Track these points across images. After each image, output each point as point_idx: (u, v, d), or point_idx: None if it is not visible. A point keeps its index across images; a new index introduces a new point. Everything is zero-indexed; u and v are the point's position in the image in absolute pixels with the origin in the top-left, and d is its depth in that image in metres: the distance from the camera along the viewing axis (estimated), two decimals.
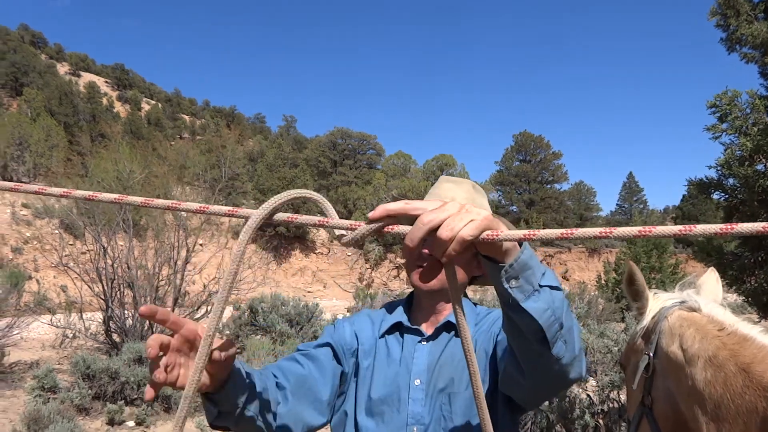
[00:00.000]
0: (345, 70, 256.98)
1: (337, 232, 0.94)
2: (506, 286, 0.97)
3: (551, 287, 1.02)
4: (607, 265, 23.09)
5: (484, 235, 0.85)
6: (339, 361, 1.54)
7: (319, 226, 0.98)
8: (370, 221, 0.90)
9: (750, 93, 5.59)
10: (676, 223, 55.05)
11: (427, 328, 1.58)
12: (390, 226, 0.90)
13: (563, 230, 0.83)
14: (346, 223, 0.92)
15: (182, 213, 11.81)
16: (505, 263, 0.96)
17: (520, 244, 0.97)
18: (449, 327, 1.54)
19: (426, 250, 1.50)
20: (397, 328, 1.59)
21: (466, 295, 1.68)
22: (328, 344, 1.55)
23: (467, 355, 0.96)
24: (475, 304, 1.67)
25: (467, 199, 1.59)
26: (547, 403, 6.53)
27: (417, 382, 1.47)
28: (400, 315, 1.61)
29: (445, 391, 1.45)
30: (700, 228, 0.78)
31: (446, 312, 1.58)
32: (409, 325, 1.58)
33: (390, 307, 1.67)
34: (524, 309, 0.98)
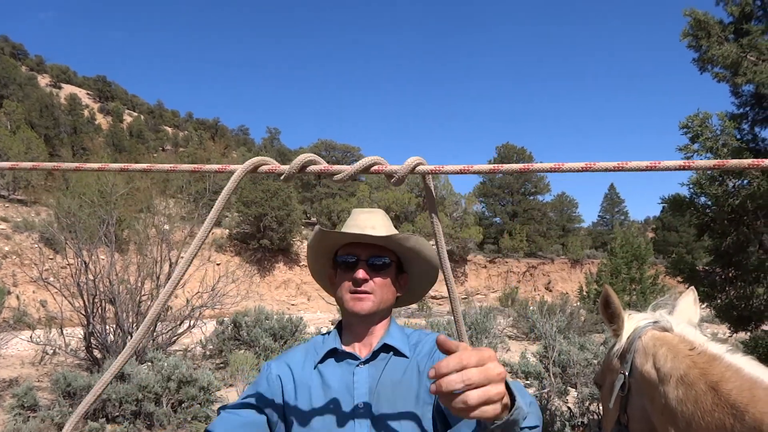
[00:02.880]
0: (329, 82, 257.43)
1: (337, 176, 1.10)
2: None
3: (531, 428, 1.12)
4: (589, 276, 23.27)
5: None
6: (262, 412, 1.52)
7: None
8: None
9: (720, 115, 5.79)
10: (656, 234, 55.60)
11: (361, 351, 1.60)
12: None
13: (521, 165, 1.02)
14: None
15: (166, 227, 11.77)
16: (495, 422, 0.97)
17: (513, 400, 0.97)
18: (387, 348, 1.57)
19: (360, 275, 1.56)
20: (331, 354, 1.60)
21: (392, 318, 1.69)
22: (249, 405, 1.53)
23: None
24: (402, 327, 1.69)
25: (383, 225, 1.64)
26: None
27: (361, 405, 1.48)
28: (333, 341, 1.62)
29: (392, 413, 1.47)
30: (700, 163, 0.85)
31: (380, 333, 1.61)
32: (343, 350, 1.59)
33: (321, 338, 1.68)
34: None
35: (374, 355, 1.56)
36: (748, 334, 6.12)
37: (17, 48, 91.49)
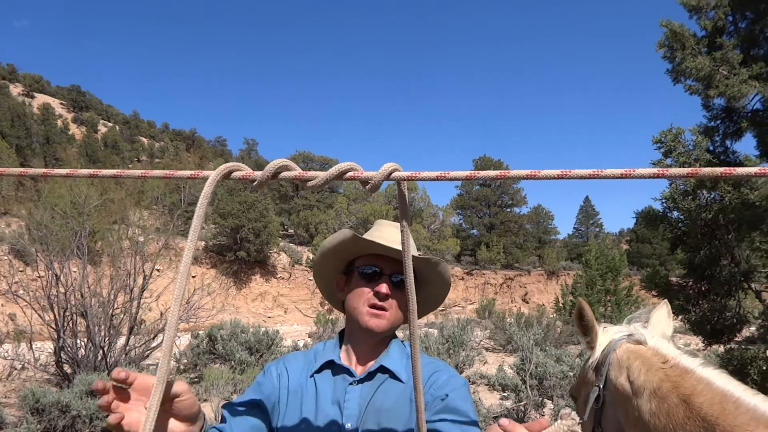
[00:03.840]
0: (307, 94, 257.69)
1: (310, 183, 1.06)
2: None
3: None
4: (565, 288, 23.52)
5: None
6: (266, 414, 1.51)
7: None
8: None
9: (693, 130, 5.92)
10: (630, 246, 56.43)
11: (358, 369, 1.58)
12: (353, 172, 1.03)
13: (498, 171, 0.99)
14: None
15: (140, 239, 11.59)
16: None
17: None
18: (383, 370, 1.55)
19: (384, 289, 1.52)
20: (328, 366, 1.58)
21: (395, 336, 1.67)
22: (253, 402, 1.52)
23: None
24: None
25: (409, 242, 1.61)
26: None
27: (348, 425, 1.47)
28: (331, 353, 1.59)
29: None
30: (674, 171, 0.89)
31: (380, 351, 1.59)
32: (340, 364, 1.57)
33: (322, 346, 1.66)
34: None
35: (369, 375, 1.54)
36: (722, 347, 6.21)
37: None
